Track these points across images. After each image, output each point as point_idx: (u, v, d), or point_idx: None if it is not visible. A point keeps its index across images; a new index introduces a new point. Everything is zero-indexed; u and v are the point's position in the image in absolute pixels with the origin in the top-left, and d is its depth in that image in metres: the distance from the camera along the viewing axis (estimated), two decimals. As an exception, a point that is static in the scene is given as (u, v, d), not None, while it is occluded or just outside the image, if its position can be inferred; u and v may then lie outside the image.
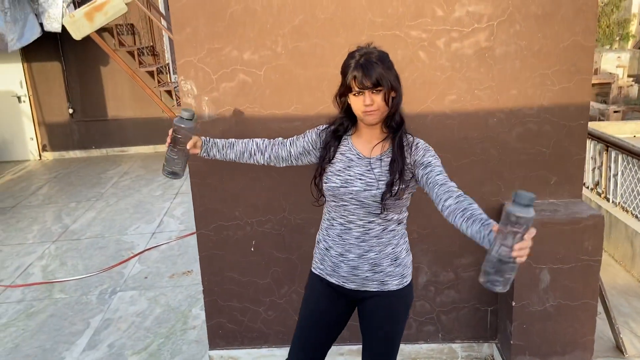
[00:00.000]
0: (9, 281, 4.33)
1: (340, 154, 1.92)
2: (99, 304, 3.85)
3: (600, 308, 2.84)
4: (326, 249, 1.98)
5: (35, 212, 6.15)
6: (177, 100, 7.56)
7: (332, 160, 1.92)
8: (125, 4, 2.79)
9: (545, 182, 2.69)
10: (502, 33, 2.50)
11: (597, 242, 2.54)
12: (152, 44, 8.11)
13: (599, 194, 4.93)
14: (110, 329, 3.52)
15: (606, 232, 4.06)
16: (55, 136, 8.93)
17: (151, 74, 7.56)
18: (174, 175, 2.03)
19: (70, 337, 3.45)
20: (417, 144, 1.86)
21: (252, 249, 2.83)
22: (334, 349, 2.15)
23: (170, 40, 7.88)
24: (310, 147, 2.01)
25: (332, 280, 1.99)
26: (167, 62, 8.46)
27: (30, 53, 8.37)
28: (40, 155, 8.96)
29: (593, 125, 7.36)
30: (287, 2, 2.50)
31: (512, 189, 2.70)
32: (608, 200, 4.80)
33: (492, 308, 2.89)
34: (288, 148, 2.04)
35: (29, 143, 8.89)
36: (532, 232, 1.36)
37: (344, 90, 1.82)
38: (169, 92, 7.71)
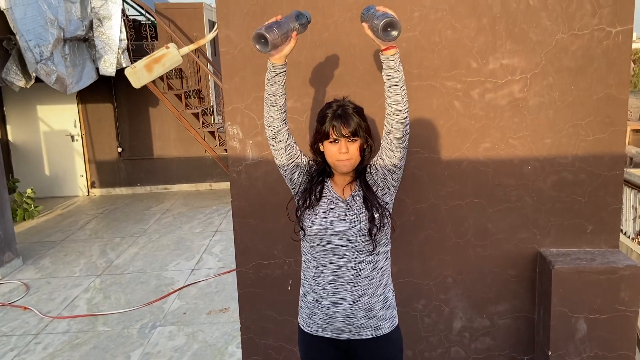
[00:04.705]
0: (56, 312, 4.52)
1: (323, 196, 1.98)
2: (140, 338, 3.98)
3: (640, 361, 2.77)
4: (316, 300, 1.97)
5: (82, 246, 6.42)
6: (219, 140, 7.85)
7: (319, 200, 1.96)
8: (181, 56, 3.03)
9: (582, 231, 2.70)
10: (536, 85, 2.58)
11: (634, 292, 2.52)
12: (198, 87, 8.50)
13: (642, 244, 4.83)
14: (150, 362, 3.63)
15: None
16: (104, 173, 9.35)
17: (196, 115, 7.91)
18: (263, 40, 1.72)
19: (112, 369, 3.57)
20: (370, 166, 1.99)
21: (289, 288, 2.91)
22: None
23: (216, 84, 8.24)
24: (304, 168, 2.03)
25: (325, 334, 1.96)
26: (211, 104, 8.83)
27: (85, 95, 8.88)
28: (88, 192, 9.36)
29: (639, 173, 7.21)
30: (329, 55, 2.66)
31: (548, 237, 2.72)
32: (651, 250, 4.69)
33: (528, 357, 2.86)
34: (296, 150, 2.04)
35: (79, 180, 9.33)
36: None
37: (320, 137, 1.92)
38: (212, 133, 8.02)
